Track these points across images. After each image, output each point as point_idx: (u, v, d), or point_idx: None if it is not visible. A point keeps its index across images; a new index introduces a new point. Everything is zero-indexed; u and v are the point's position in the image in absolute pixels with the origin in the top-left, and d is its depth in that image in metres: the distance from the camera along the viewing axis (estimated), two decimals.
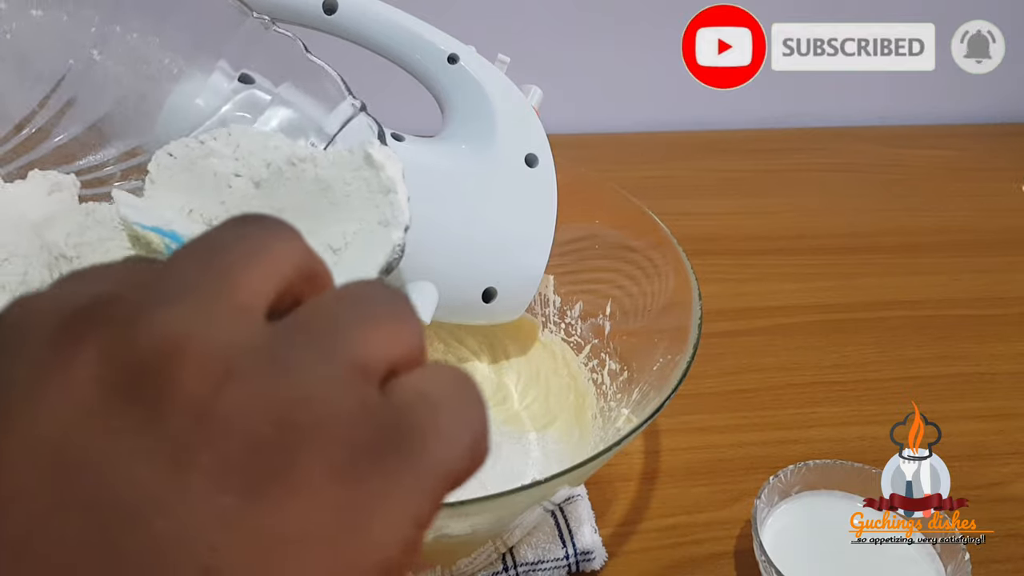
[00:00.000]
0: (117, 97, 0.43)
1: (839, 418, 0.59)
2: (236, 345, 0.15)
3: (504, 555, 0.47)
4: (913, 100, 0.96)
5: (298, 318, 0.16)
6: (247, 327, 0.15)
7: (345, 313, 0.16)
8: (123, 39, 0.42)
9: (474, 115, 0.50)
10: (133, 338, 0.14)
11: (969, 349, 0.66)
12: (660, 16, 0.85)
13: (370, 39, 0.48)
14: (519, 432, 0.53)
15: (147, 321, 0.15)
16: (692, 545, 0.50)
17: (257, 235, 0.16)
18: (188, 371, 0.14)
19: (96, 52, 0.42)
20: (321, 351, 0.15)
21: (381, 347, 0.16)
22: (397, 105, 0.53)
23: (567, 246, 0.55)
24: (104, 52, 0.42)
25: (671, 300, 0.51)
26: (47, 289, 0.16)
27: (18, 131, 0.41)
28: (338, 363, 0.15)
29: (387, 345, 0.16)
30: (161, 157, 0.41)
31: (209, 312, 0.15)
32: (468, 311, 0.51)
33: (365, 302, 0.16)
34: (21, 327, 0.15)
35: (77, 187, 0.41)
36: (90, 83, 0.42)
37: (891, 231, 0.79)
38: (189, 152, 0.40)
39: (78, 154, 0.42)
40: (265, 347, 0.15)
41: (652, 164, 0.88)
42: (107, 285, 0.16)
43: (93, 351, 0.15)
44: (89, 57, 0.42)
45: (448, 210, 0.48)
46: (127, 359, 0.14)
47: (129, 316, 0.15)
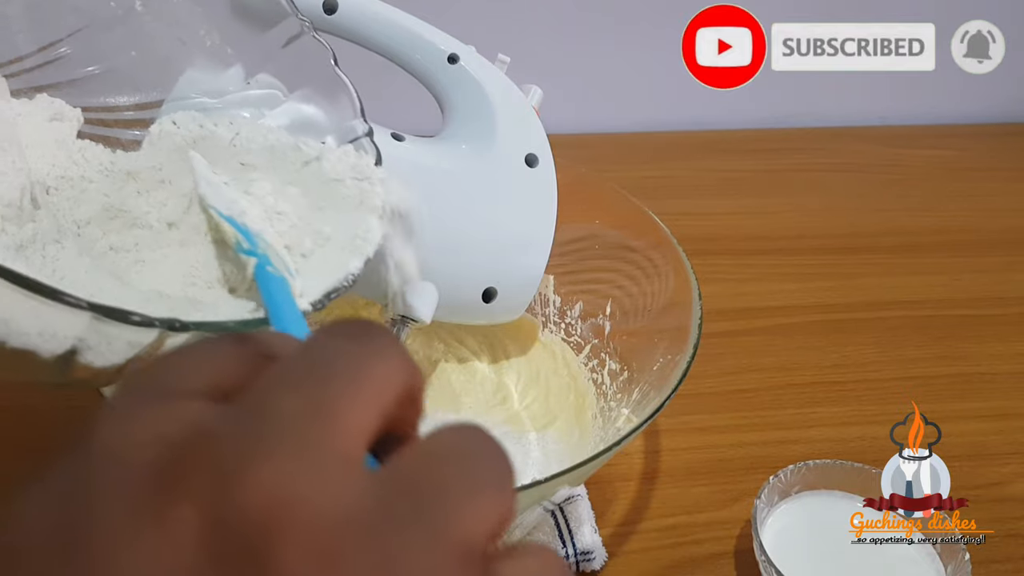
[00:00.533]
0: (145, 51, 0.43)
1: (839, 418, 0.59)
2: (341, 517, 0.14)
3: None
4: (913, 100, 0.96)
5: (402, 476, 0.15)
6: (352, 487, 0.14)
7: (453, 477, 0.15)
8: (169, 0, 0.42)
9: (474, 115, 0.50)
10: (236, 497, 0.13)
11: (969, 349, 0.66)
12: (660, 16, 0.85)
13: (370, 39, 0.48)
14: (519, 432, 0.53)
15: (252, 476, 0.13)
16: (692, 545, 0.50)
17: (359, 355, 0.15)
18: (292, 550, 0.13)
19: (139, 3, 0.42)
20: (428, 527, 0.14)
21: (486, 519, 0.15)
22: (397, 105, 0.53)
23: (567, 246, 0.55)
24: (147, 5, 0.42)
25: (671, 300, 0.51)
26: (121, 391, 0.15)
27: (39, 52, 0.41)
28: (444, 545, 0.14)
29: (492, 515, 0.15)
30: (165, 123, 0.41)
31: (315, 467, 0.14)
32: (468, 311, 0.51)
33: (472, 462, 0.15)
34: (117, 458, 0.14)
35: (79, 122, 0.41)
36: (123, 30, 0.42)
37: (891, 231, 0.79)
38: (190, 129, 0.40)
39: (90, 91, 0.43)
40: (369, 523, 0.14)
41: (652, 164, 0.88)
42: (200, 411, 0.15)
43: (193, 505, 0.13)
44: (131, 5, 0.42)
45: (448, 210, 0.48)
46: (229, 521, 0.13)
47: (231, 465, 0.14)
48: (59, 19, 0.42)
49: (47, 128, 0.39)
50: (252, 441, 0.14)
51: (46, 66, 0.42)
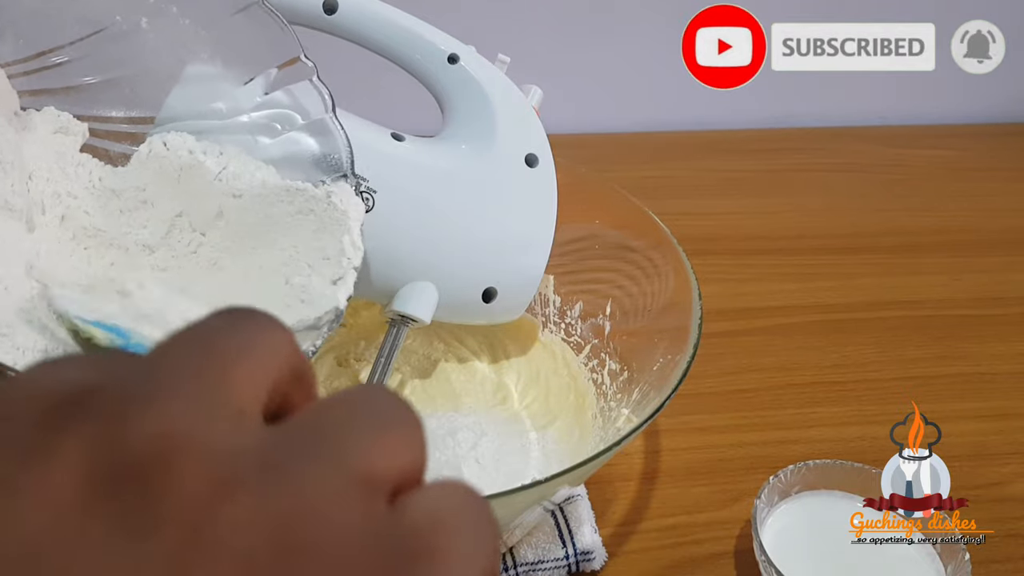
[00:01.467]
0: (146, 67, 0.43)
1: (839, 418, 0.59)
2: (237, 449, 0.13)
3: (504, 555, 0.47)
4: (913, 100, 0.96)
5: (301, 421, 0.15)
6: (247, 429, 0.14)
7: (352, 417, 0.15)
8: (175, 20, 0.43)
9: (474, 115, 0.50)
10: (123, 433, 0.13)
11: (969, 349, 0.66)
12: (660, 16, 0.85)
13: (370, 39, 0.48)
14: (519, 432, 0.53)
15: (139, 415, 0.13)
16: (692, 545, 0.50)
17: (249, 328, 0.15)
18: (187, 475, 0.13)
19: (145, 21, 0.43)
20: (327, 459, 0.14)
21: (390, 456, 0.15)
22: (397, 105, 0.53)
23: (567, 246, 0.55)
24: (152, 24, 0.43)
25: (671, 300, 0.51)
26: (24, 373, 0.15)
27: (39, 57, 0.42)
28: (345, 473, 0.14)
29: (396, 454, 0.15)
30: (156, 143, 0.41)
31: (207, 409, 0.14)
32: (468, 311, 0.51)
33: (372, 406, 0.15)
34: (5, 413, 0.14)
35: (85, 137, 0.42)
36: (126, 44, 0.42)
37: (891, 231, 0.79)
38: (179, 155, 0.41)
39: (85, 100, 0.43)
40: (267, 453, 0.14)
41: (652, 164, 0.88)
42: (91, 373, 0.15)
43: (77, 444, 0.13)
44: (137, 22, 0.42)
45: (448, 210, 0.48)
46: (116, 456, 0.13)
47: (119, 409, 0.13)
48: (63, 27, 0.42)
49: (50, 140, 0.40)
50: (142, 388, 0.14)
51: (44, 71, 0.42)
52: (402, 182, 0.47)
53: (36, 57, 0.41)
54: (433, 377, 0.55)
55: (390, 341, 0.48)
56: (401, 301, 0.47)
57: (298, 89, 0.44)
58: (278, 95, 0.44)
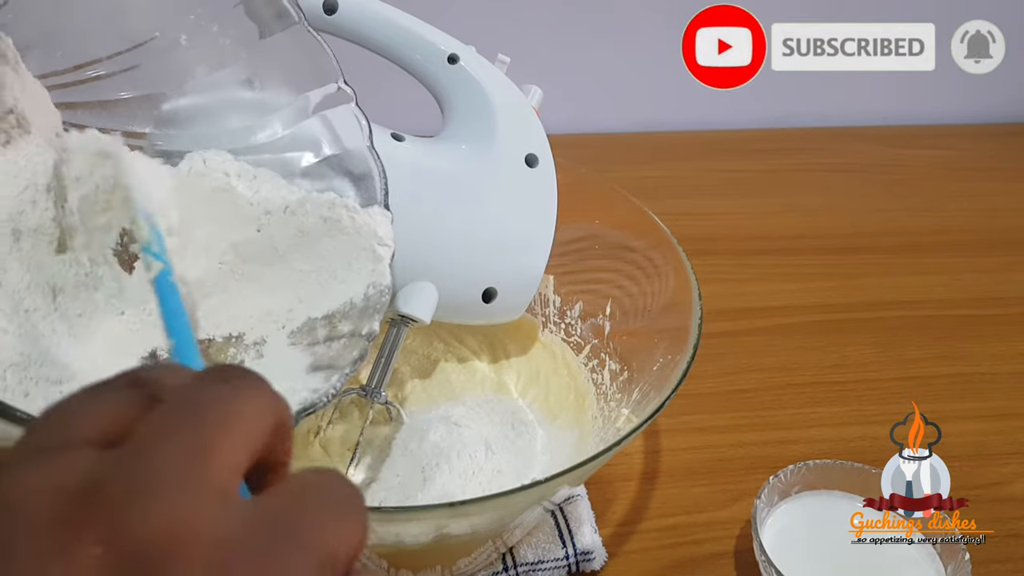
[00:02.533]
0: (181, 84, 0.43)
1: (839, 418, 0.59)
2: (224, 536, 0.16)
3: (504, 555, 0.47)
4: (913, 100, 0.96)
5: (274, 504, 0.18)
6: (231, 513, 0.17)
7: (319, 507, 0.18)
8: (216, 39, 0.43)
9: (474, 115, 0.50)
10: (130, 530, 0.16)
11: (969, 349, 0.66)
12: (660, 16, 0.85)
13: (370, 39, 0.48)
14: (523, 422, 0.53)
15: (144, 512, 0.16)
16: (692, 545, 0.50)
17: (228, 397, 0.18)
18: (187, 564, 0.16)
19: (184, 38, 0.42)
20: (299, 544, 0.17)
21: (347, 541, 0.18)
22: (397, 105, 0.53)
23: (567, 246, 0.55)
24: (192, 42, 0.42)
25: (671, 300, 0.51)
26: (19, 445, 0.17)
27: (75, 70, 0.41)
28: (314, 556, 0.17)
29: (351, 538, 0.18)
30: (195, 159, 0.41)
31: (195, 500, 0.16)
32: (468, 311, 0.51)
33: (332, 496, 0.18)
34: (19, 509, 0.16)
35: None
36: (164, 61, 0.42)
37: (891, 231, 0.79)
38: (216, 177, 0.41)
39: (116, 116, 0.43)
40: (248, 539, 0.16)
41: (652, 164, 0.88)
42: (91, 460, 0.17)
43: (95, 540, 0.16)
44: (176, 39, 0.42)
45: (448, 210, 0.48)
46: (129, 549, 0.15)
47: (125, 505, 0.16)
48: (103, 41, 0.41)
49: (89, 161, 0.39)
50: (140, 484, 0.16)
51: (79, 84, 0.41)
52: (402, 182, 0.47)
53: (73, 70, 0.41)
54: (433, 377, 0.55)
55: (390, 341, 0.49)
56: (401, 301, 0.47)
57: (336, 115, 0.44)
58: (315, 120, 0.44)
